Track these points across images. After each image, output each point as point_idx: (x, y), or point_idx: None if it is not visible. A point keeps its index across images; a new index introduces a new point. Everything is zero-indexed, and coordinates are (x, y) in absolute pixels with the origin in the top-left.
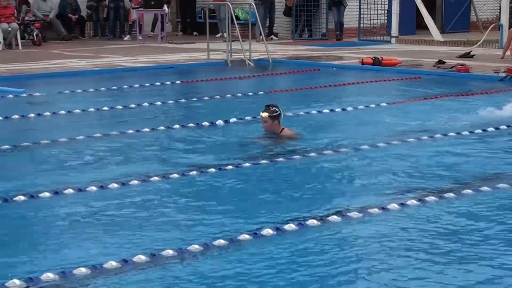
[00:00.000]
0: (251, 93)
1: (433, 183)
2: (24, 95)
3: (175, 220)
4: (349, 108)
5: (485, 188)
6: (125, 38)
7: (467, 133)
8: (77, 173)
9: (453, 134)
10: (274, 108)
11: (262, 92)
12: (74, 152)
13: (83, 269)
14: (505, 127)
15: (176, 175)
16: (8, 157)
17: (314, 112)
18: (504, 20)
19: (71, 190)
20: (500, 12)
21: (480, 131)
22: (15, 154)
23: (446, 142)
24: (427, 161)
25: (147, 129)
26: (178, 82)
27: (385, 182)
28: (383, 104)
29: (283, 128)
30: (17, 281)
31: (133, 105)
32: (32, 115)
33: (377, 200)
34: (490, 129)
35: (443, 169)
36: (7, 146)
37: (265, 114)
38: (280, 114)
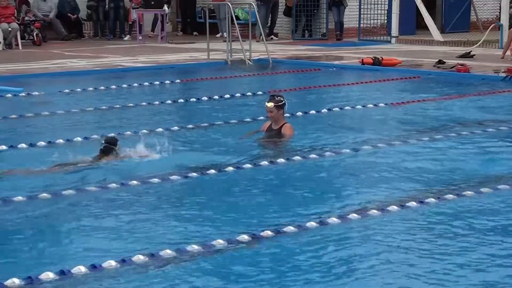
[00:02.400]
0: (251, 93)
1: (433, 183)
2: (23, 94)
3: (174, 221)
4: (349, 108)
5: (485, 189)
6: (125, 38)
7: (467, 133)
8: (77, 173)
9: (453, 134)
10: (279, 97)
11: (262, 92)
12: (73, 152)
13: (82, 268)
14: (505, 128)
15: (175, 176)
16: (6, 158)
17: (313, 112)
18: (504, 20)
19: (70, 191)
20: (500, 12)
21: (480, 131)
22: (13, 154)
23: (446, 142)
24: (427, 161)
25: (145, 130)
26: (178, 81)
27: (384, 183)
28: (383, 104)
29: (285, 123)
30: (16, 280)
31: (132, 105)
32: (31, 114)
33: (376, 201)
34: (490, 130)
35: (443, 169)
36: (4, 147)
37: (270, 104)
38: (284, 103)
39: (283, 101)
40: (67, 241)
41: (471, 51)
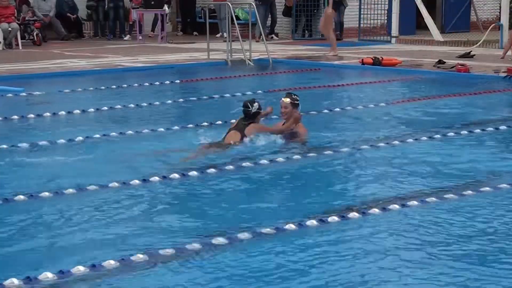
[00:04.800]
0: (251, 93)
1: (433, 182)
2: (24, 94)
3: (175, 220)
4: (349, 108)
5: (485, 189)
6: (125, 38)
7: (466, 132)
8: (77, 172)
9: (452, 134)
10: (295, 96)
11: (262, 92)
12: (74, 152)
13: (81, 268)
14: (505, 128)
15: (176, 175)
16: (7, 157)
17: (313, 112)
18: (504, 20)
19: (71, 190)
20: (500, 12)
21: (480, 131)
22: (14, 154)
23: (445, 142)
24: (427, 161)
25: (146, 129)
26: (178, 81)
27: (384, 183)
28: (383, 104)
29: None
30: (15, 280)
31: (132, 105)
32: (32, 115)
33: (376, 201)
34: (490, 129)
35: (443, 169)
36: (5, 146)
37: (286, 100)
38: (299, 104)
39: (299, 101)
40: (67, 240)
41: (471, 51)
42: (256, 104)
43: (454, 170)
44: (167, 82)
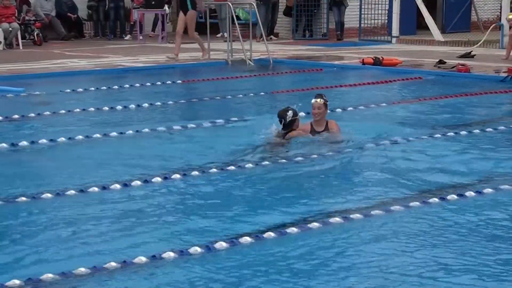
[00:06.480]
0: (251, 93)
1: (433, 183)
2: (24, 94)
3: (176, 221)
4: (350, 108)
5: (486, 190)
6: (125, 38)
7: (467, 133)
8: (78, 173)
9: (452, 134)
10: (325, 97)
11: (262, 93)
12: (74, 152)
13: (83, 269)
14: (505, 128)
15: (177, 176)
16: (8, 157)
17: None
18: (505, 20)
19: (72, 191)
20: (500, 12)
21: (480, 131)
22: (15, 154)
23: (446, 142)
24: (428, 161)
25: (147, 130)
26: (179, 82)
27: (385, 183)
28: (384, 104)
29: (328, 120)
30: (17, 281)
31: (133, 105)
32: (32, 114)
33: (378, 201)
34: (490, 129)
35: (443, 169)
36: (6, 146)
37: (320, 101)
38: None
39: (327, 101)
40: (70, 241)
41: (471, 51)
42: (290, 113)
43: (455, 170)
44: (168, 82)
